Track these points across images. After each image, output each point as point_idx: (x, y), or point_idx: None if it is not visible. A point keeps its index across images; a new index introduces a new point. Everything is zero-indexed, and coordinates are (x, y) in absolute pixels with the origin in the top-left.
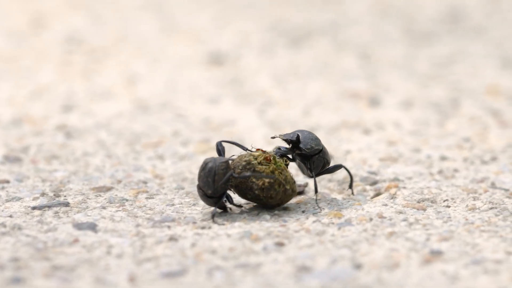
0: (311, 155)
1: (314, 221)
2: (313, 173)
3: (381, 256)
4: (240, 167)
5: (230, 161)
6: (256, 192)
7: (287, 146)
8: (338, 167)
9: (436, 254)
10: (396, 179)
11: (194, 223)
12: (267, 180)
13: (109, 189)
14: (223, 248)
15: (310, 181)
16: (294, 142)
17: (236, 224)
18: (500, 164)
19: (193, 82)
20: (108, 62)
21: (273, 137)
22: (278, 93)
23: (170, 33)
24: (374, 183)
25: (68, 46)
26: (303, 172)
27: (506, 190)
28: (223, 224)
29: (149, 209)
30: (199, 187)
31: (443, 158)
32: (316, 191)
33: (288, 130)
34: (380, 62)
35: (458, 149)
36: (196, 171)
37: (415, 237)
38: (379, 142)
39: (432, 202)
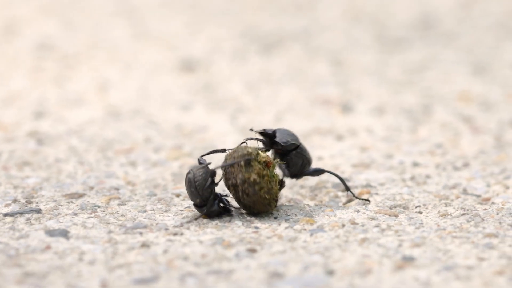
0: (288, 151)
1: (286, 228)
2: (287, 173)
3: (354, 262)
4: (239, 154)
5: (208, 166)
6: (238, 181)
7: (263, 141)
8: (319, 171)
9: (408, 260)
10: (368, 185)
11: (166, 229)
12: (255, 176)
13: (81, 195)
14: (195, 254)
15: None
16: (271, 136)
17: (208, 230)
18: (472, 170)
19: (165, 89)
20: (80, 68)
21: (251, 129)
22: (250, 99)
23: (142, 39)
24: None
25: (40, 52)
26: (284, 174)
27: (478, 196)
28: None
29: (121, 216)
30: (193, 204)
31: (415, 164)
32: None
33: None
34: (352, 69)
35: (430, 155)
36: (168, 177)
37: (387, 243)
38: (351, 148)
39: (404, 208)
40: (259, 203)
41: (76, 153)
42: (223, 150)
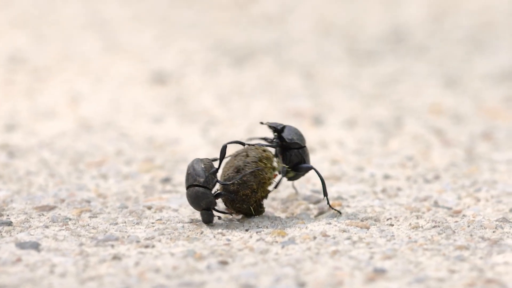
0: (290, 148)
1: (257, 240)
2: (284, 166)
3: (325, 275)
4: (252, 156)
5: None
6: (242, 185)
7: (271, 135)
8: (308, 168)
9: (379, 272)
10: (339, 198)
11: (138, 242)
12: (254, 186)
13: (52, 208)
14: (166, 266)
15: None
16: (279, 131)
17: (180, 243)
18: (443, 183)
19: (136, 101)
20: (51, 81)
21: (261, 123)
22: (221, 112)
23: (113, 52)
24: (318, 201)
25: (11, 65)
26: (281, 172)
27: (449, 208)
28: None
29: (93, 228)
30: (192, 185)
31: (387, 177)
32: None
33: (233, 150)
34: (323, 81)
35: (401, 168)
36: (140, 190)
37: (358, 256)
38: (322, 160)
39: (375, 220)
40: (245, 210)
41: (47, 165)
42: (243, 144)
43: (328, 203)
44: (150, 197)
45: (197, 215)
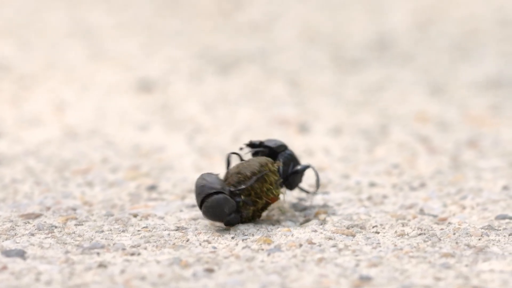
0: (277, 152)
1: (243, 247)
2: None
3: (311, 282)
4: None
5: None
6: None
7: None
8: (306, 167)
9: (365, 280)
10: (325, 205)
11: (124, 249)
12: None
13: (38, 216)
14: (152, 274)
15: None
16: (257, 145)
17: (166, 250)
18: (428, 191)
19: (122, 109)
20: (36, 89)
21: (241, 148)
22: (207, 120)
23: (98, 60)
24: (304, 209)
25: None
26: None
27: (435, 216)
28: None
29: (78, 236)
30: (210, 194)
31: (372, 185)
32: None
33: (218, 157)
34: (309, 89)
35: (387, 176)
36: (125, 197)
37: (344, 263)
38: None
39: (361, 228)
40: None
41: (33, 173)
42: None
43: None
44: (136, 205)
45: (183, 223)
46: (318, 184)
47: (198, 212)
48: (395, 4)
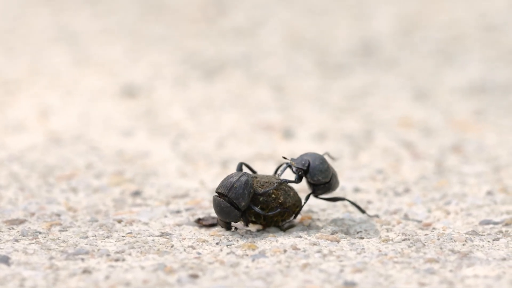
0: (316, 184)
1: (228, 253)
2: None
3: None
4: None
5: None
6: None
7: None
8: (338, 199)
9: (349, 285)
10: (310, 211)
11: (108, 255)
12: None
13: (22, 221)
14: (137, 280)
15: None
16: (304, 170)
17: (150, 256)
18: (413, 196)
19: (106, 115)
20: (20, 94)
21: (284, 158)
22: (191, 125)
23: (83, 65)
24: None
25: None
26: (308, 187)
27: (419, 221)
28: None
29: (63, 242)
30: (229, 201)
31: (357, 190)
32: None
33: (203, 163)
34: (293, 94)
35: (372, 181)
36: (110, 203)
37: (329, 269)
38: (292, 174)
39: (345, 233)
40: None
41: (17, 179)
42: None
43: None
44: (120, 211)
45: (168, 228)
46: (361, 209)
47: (182, 218)
48: (380, 10)
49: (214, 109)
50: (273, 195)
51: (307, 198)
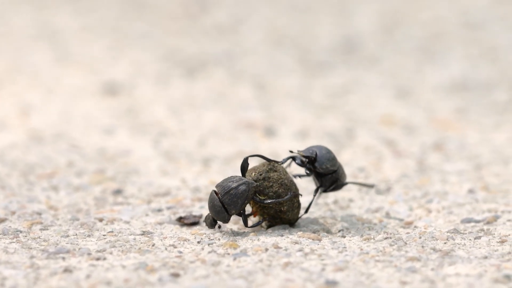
0: (324, 174)
1: (209, 252)
2: (320, 189)
3: (277, 287)
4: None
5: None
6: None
7: (303, 159)
8: (343, 184)
9: (331, 284)
10: None
11: (89, 254)
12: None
13: (2, 220)
14: (118, 279)
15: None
16: (312, 159)
17: (131, 255)
18: (394, 194)
19: (87, 113)
20: (1, 92)
21: (291, 151)
22: (173, 123)
23: (64, 63)
24: None
25: None
26: (315, 183)
27: (401, 220)
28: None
29: (44, 241)
30: (222, 204)
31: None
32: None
33: (184, 161)
34: (275, 93)
35: (353, 179)
36: (91, 202)
37: (310, 268)
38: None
39: (327, 232)
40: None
41: None
42: (270, 160)
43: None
44: (101, 209)
45: (149, 227)
46: (367, 185)
47: (163, 217)
48: (361, 7)
49: (196, 107)
50: (268, 183)
51: (316, 191)
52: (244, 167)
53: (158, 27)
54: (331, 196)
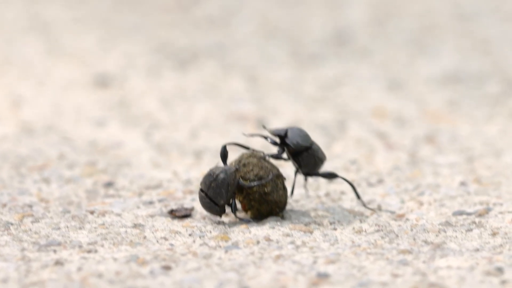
0: (299, 152)
1: (201, 244)
2: (299, 170)
3: (268, 279)
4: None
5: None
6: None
7: (276, 140)
8: (332, 175)
9: (323, 277)
10: None
11: (80, 247)
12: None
13: None
14: (109, 272)
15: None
16: (281, 137)
17: (123, 247)
18: (386, 187)
19: (79, 105)
20: None
21: (264, 126)
22: (165, 115)
23: (55, 55)
24: None
25: None
26: (297, 172)
27: (392, 212)
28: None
29: (35, 233)
30: (209, 198)
31: (330, 181)
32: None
33: (176, 153)
34: (267, 85)
35: (345, 172)
36: (82, 194)
37: (302, 260)
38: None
39: (319, 224)
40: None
41: None
42: (248, 148)
43: (364, 205)
44: (92, 202)
45: (140, 220)
46: (357, 195)
47: (155, 209)
48: (353, 0)
49: (187, 100)
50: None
51: (296, 173)
52: (224, 155)
53: (149, 19)
54: (323, 188)
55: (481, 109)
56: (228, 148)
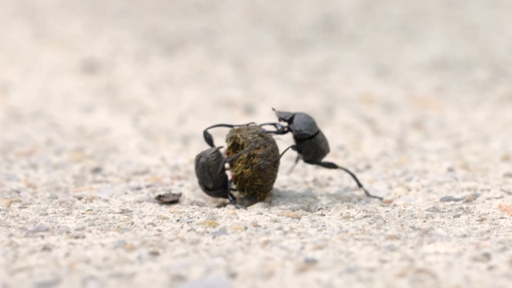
0: (301, 139)
1: (188, 230)
2: (300, 156)
3: (256, 265)
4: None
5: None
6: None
7: (283, 124)
8: (332, 165)
9: (310, 262)
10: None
11: (68, 232)
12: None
13: None
14: (97, 257)
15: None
16: (287, 121)
17: (110, 233)
18: (374, 172)
19: (66, 91)
20: None
21: (273, 109)
22: (152, 101)
23: (43, 41)
24: None
25: None
26: (298, 157)
27: (380, 198)
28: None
29: (22, 219)
30: (200, 183)
31: (318, 167)
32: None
33: (163, 139)
34: (255, 71)
35: (333, 157)
36: (70, 180)
37: (290, 246)
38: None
39: (306, 210)
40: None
41: None
42: (230, 126)
43: (367, 194)
44: (80, 187)
45: (128, 205)
46: (359, 184)
47: (143, 195)
48: None
49: (175, 85)
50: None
51: (296, 160)
52: (209, 139)
53: (137, 5)
54: (310, 174)
55: (469, 95)
56: (213, 131)
